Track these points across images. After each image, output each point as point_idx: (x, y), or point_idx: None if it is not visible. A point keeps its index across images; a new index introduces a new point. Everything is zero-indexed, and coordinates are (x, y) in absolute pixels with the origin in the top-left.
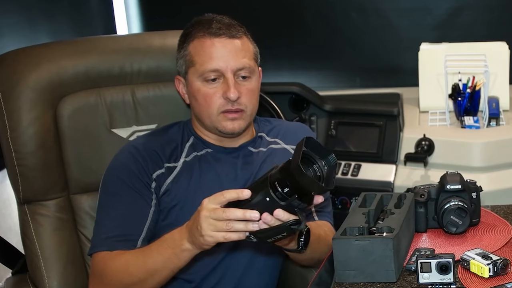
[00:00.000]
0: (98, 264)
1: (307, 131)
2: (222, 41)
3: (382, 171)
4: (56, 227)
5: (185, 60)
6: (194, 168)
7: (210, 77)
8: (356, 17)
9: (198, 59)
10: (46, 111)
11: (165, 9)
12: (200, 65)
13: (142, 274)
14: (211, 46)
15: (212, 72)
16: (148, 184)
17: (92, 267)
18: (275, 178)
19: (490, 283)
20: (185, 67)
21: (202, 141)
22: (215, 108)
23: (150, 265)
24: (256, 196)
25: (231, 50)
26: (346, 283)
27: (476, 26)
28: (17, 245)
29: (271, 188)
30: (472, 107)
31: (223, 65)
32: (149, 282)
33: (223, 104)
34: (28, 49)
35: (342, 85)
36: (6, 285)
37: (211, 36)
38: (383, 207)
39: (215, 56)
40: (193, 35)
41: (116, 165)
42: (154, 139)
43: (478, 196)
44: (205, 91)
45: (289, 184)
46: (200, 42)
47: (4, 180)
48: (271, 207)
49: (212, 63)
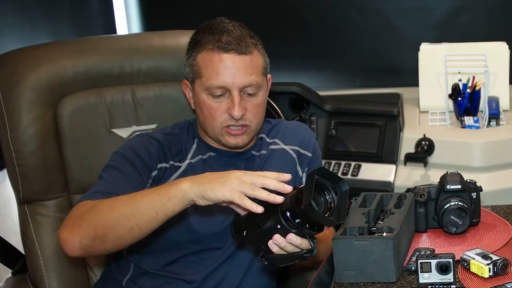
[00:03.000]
0: (81, 207)
1: (307, 130)
2: (230, 58)
3: (382, 171)
4: (56, 227)
5: (192, 69)
6: (198, 170)
7: (216, 93)
8: (356, 17)
9: (205, 72)
10: (46, 111)
11: (165, 9)
12: (207, 79)
13: (128, 210)
14: (219, 62)
15: (218, 88)
16: (149, 169)
17: (71, 212)
18: (286, 208)
19: (490, 283)
20: (192, 76)
21: (206, 145)
22: (219, 123)
23: (137, 200)
24: (267, 222)
25: (239, 67)
26: (346, 283)
27: (476, 26)
28: (17, 245)
29: (282, 217)
30: (472, 107)
31: (230, 81)
32: (131, 222)
33: (226, 120)
34: (28, 49)
35: (342, 85)
36: (6, 285)
37: (220, 51)
38: (383, 207)
39: (223, 73)
40: (203, 45)
41: (122, 147)
42: (161, 136)
43: (478, 196)
44: (210, 105)
45: (300, 216)
46: (208, 55)
47: (4, 180)
48: (282, 233)
49: (219, 79)
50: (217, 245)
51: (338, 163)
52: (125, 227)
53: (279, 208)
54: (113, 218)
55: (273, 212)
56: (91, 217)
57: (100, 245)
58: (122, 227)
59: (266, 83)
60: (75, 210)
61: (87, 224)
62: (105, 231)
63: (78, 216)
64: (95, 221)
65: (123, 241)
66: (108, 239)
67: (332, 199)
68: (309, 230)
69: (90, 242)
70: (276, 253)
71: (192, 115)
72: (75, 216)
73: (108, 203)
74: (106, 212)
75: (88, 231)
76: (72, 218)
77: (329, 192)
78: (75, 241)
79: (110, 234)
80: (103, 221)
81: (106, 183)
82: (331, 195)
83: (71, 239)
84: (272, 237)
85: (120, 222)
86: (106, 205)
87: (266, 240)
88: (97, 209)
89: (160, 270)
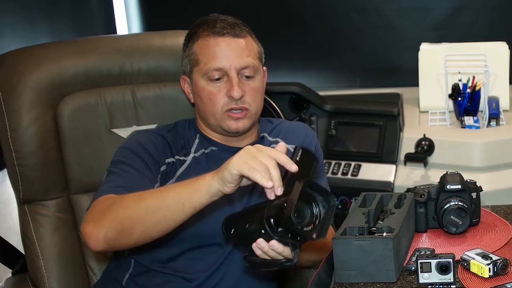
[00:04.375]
0: (104, 200)
1: (309, 130)
2: (226, 40)
3: (382, 171)
4: (56, 227)
5: (189, 59)
6: (202, 164)
7: (214, 76)
8: (356, 17)
9: (203, 58)
10: (46, 111)
11: (165, 9)
12: (204, 64)
13: (155, 202)
14: (215, 45)
15: (216, 71)
16: (158, 164)
17: (93, 206)
18: (271, 215)
19: (490, 283)
20: (190, 66)
21: (207, 139)
22: (219, 107)
23: (165, 195)
24: (253, 225)
25: (235, 49)
26: (346, 283)
27: (476, 26)
28: (17, 245)
29: (266, 223)
30: (472, 107)
31: (227, 64)
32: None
33: (227, 103)
34: (28, 49)
35: (342, 85)
36: (6, 285)
37: (215, 36)
38: (383, 207)
39: (219, 55)
40: (198, 34)
41: (129, 142)
42: (165, 132)
43: (478, 196)
44: (209, 90)
45: (282, 226)
46: (204, 41)
47: (4, 180)
48: (266, 238)
49: (216, 62)
50: (218, 240)
51: (338, 163)
52: (152, 220)
53: (265, 214)
54: (140, 211)
55: (259, 217)
56: (117, 210)
57: (125, 238)
58: (149, 220)
59: (262, 70)
60: (97, 204)
61: (112, 217)
62: (131, 224)
63: (103, 209)
64: (121, 214)
65: (148, 235)
66: (134, 232)
67: (319, 213)
68: (291, 240)
69: (116, 236)
70: (259, 256)
71: (192, 115)
72: (99, 209)
73: (134, 196)
74: (133, 205)
75: (114, 224)
76: (95, 212)
77: (316, 205)
78: (99, 235)
79: (137, 227)
80: (129, 214)
81: (121, 178)
82: (318, 208)
83: (96, 233)
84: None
85: (147, 214)
86: (133, 198)
87: (250, 242)
88: (123, 202)
89: (161, 267)
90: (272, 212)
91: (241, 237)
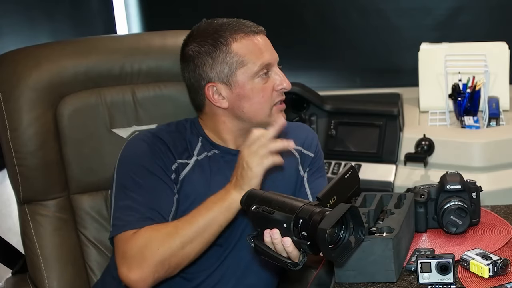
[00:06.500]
0: (136, 240)
1: (309, 131)
2: (261, 37)
3: (382, 171)
4: (56, 227)
5: (229, 63)
6: (205, 166)
7: (264, 72)
8: (356, 17)
9: (250, 57)
10: (46, 111)
11: (165, 9)
12: (254, 62)
13: (192, 232)
14: (258, 43)
15: (266, 66)
16: (169, 173)
17: (126, 248)
18: (302, 216)
19: (490, 283)
20: (230, 70)
21: (210, 143)
22: (271, 102)
23: (200, 222)
24: (280, 214)
25: (269, 44)
26: (346, 283)
27: (476, 26)
28: (17, 245)
29: (294, 220)
30: (472, 107)
31: (272, 58)
32: (198, 241)
33: (277, 95)
34: (28, 49)
35: (342, 85)
36: (6, 285)
37: (254, 34)
38: (383, 207)
39: (265, 50)
40: (231, 36)
41: (135, 154)
42: (165, 135)
43: (478, 196)
44: (262, 87)
45: (308, 232)
46: (246, 41)
47: (4, 180)
48: (284, 232)
49: (265, 58)
50: (219, 241)
51: (338, 163)
52: (194, 248)
53: (298, 212)
54: (181, 245)
55: (290, 211)
56: (157, 253)
57: (172, 273)
58: (191, 249)
59: None
60: (131, 245)
61: (157, 261)
62: (177, 261)
63: (141, 252)
64: (163, 254)
65: (192, 259)
66: (180, 265)
67: (344, 238)
68: (307, 247)
69: (164, 275)
70: (265, 243)
71: (192, 115)
72: (137, 252)
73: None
74: (172, 242)
75: (160, 267)
76: (133, 256)
77: (345, 230)
78: (149, 280)
79: (182, 261)
80: (171, 252)
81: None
82: (346, 235)
83: (145, 278)
84: (272, 228)
85: (189, 246)
86: (169, 235)
87: (265, 227)
88: (162, 242)
89: None
90: (306, 215)
91: (259, 218)
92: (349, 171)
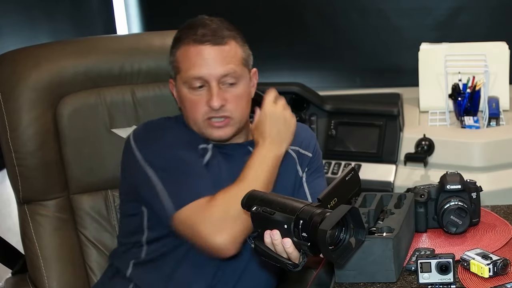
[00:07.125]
0: (217, 202)
1: (307, 131)
2: (206, 49)
3: (382, 171)
4: (56, 227)
5: (173, 65)
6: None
7: (195, 85)
8: (357, 17)
9: (183, 66)
10: (46, 111)
11: (165, 9)
12: (185, 72)
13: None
14: (196, 54)
15: (196, 79)
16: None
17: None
18: (303, 217)
19: (490, 283)
20: (174, 72)
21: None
22: (200, 115)
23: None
24: (281, 215)
25: (215, 57)
26: (346, 283)
27: (476, 26)
28: (17, 245)
29: (294, 221)
30: (472, 107)
31: (207, 72)
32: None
33: (207, 112)
34: (28, 49)
35: (342, 85)
36: (6, 285)
37: (196, 44)
38: (383, 207)
39: (199, 64)
40: (181, 41)
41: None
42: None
43: (478, 196)
44: (190, 98)
45: (308, 233)
46: (185, 49)
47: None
48: (284, 233)
49: (196, 71)
50: None
51: (338, 163)
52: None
53: (298, 213)
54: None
55: (290, 212)
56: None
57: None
58: None
59: (248, 75)
60: (212, 210)
61: (243, 216)
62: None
63: (225, 214)
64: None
65: None
66: None
67: (344, 239)
68: (307, 248)
69: (248, 232)
70: (266, 243)
71: None
72: (222, 215)
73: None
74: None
75: (247, 223)
76: (219, 219)
77: (346, 232)
78: (238, 240)
79: None
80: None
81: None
82: (346, 236)
83: (234, 239)
84: (272, 229)
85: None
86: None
87: (265, 227)
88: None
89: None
90: (306, 216)
91: (260, 219)
92: (350, 173)
